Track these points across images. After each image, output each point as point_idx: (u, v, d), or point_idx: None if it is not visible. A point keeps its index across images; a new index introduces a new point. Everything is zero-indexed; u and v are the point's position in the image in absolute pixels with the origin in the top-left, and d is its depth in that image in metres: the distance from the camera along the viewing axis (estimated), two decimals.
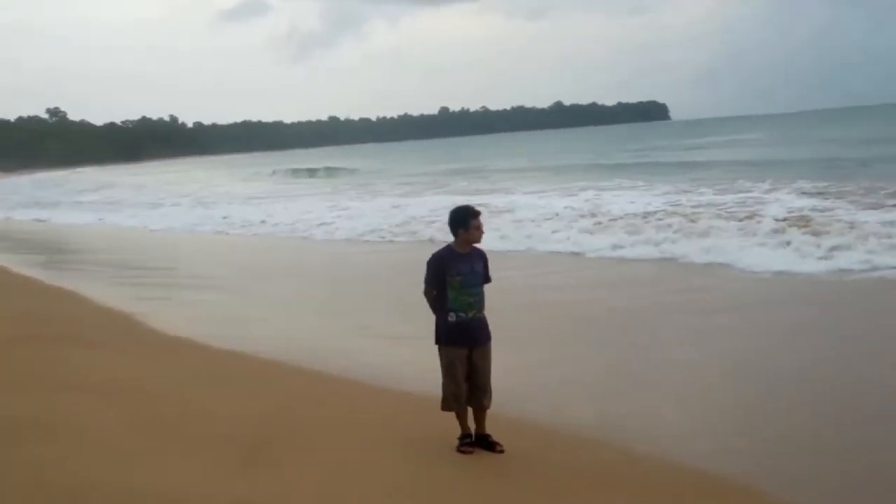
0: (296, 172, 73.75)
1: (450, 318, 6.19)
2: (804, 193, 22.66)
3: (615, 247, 17.14)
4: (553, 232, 19.72)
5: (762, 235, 16.33)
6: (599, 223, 20.07)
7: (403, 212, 28.21)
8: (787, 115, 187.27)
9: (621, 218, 20.48)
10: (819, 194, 22.26)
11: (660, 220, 19.53)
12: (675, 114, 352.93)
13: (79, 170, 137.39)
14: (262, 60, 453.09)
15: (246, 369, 8.94)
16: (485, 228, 6.39)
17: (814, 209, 19.19)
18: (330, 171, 70.45)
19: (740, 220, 18.19)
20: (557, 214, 22.71)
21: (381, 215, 27.66)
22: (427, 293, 6.33)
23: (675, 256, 15.75)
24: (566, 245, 18.11)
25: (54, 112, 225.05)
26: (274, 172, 75.88)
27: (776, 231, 16.51)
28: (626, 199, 25.19)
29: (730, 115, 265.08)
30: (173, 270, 19.46)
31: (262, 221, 29.96)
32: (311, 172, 71.87)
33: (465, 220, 6.22)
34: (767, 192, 24.30)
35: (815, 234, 15.78)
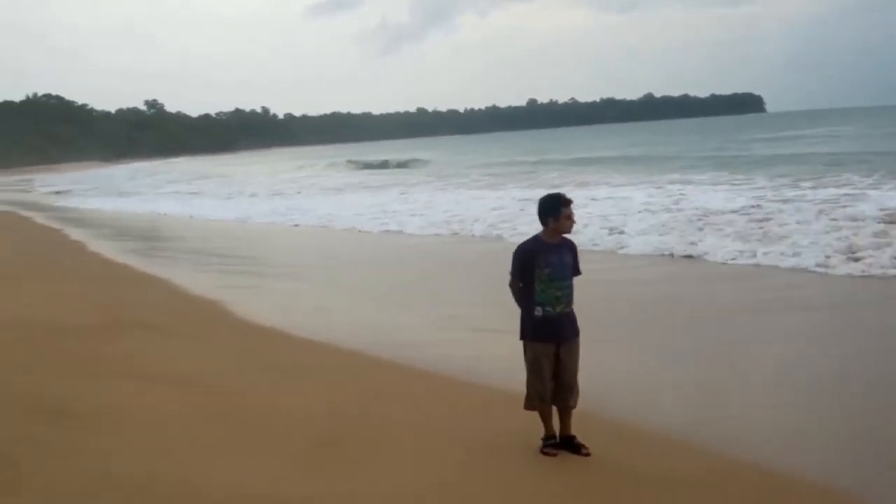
0: (368, 164, 73.43)
1: (536, 313, 5.87)
2: None
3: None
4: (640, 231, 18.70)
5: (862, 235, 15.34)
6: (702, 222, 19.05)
7: (482, 204, 28.27)
8: (884, 108, 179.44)
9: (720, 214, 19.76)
10: None
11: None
12: (770, 106, 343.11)
13: (172, 160, 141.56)
14: (352, 53, 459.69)
15: (327, 360, 8.80)
16: (576, 218, 6.05)
17: None
18: (407, 163, 70.16)
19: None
20: (647, 209, 22.12)
21: (460, 207, 27.50)
22: (512, 285, 6.05)
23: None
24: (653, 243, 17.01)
25: (152, 104, 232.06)
26: (348, 162, 76.42)
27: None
28: (724, 195, 24.21)
29: (826, 107, 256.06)
30: (257, 259, 19.61)
31: (332, 214, 29.74)
32: (384, 164, 71.68)
33: (555, 209, 5.89)
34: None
35: None
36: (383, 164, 71.33)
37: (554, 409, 5.99)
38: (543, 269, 5.83)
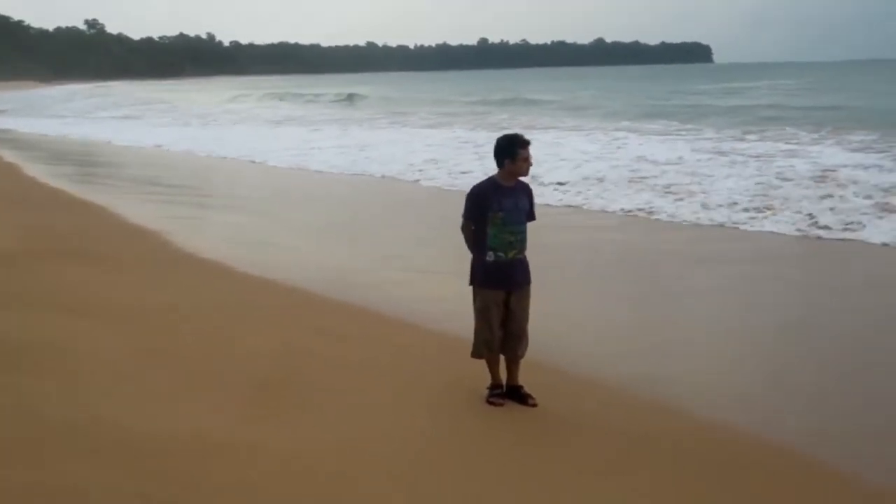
0: (311, 98, 71.23)
1: (488, 258, 5.67)
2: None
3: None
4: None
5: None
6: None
7: (424, 142, 28.00)
8: (834, 64, 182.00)
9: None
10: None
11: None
12: (718, 57, 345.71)
13: (111, 83, 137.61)
14: None
15: (271, 298, 8.59)
16: (533, 161, 5.79)
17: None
18: (352, 98, 67.86)
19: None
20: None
21: (405, 148, 26.98)
22: (464, 228, 5.81)
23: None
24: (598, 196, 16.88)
25: (92, 24, 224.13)
26: (291, 95, 74.32)
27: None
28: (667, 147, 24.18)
29: (773, 60, 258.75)
30: (194, 190, 19.21)
31: (264, 149, 28.62)
32: (326, 98, 69.75)
33: (512, 150, 5.63)
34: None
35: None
36: (325, 98, 69.25)
37: (502, 358, 5.87)
38: (497, 213, 5.60)
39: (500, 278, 5.71)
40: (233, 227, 13.78)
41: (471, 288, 5.85)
